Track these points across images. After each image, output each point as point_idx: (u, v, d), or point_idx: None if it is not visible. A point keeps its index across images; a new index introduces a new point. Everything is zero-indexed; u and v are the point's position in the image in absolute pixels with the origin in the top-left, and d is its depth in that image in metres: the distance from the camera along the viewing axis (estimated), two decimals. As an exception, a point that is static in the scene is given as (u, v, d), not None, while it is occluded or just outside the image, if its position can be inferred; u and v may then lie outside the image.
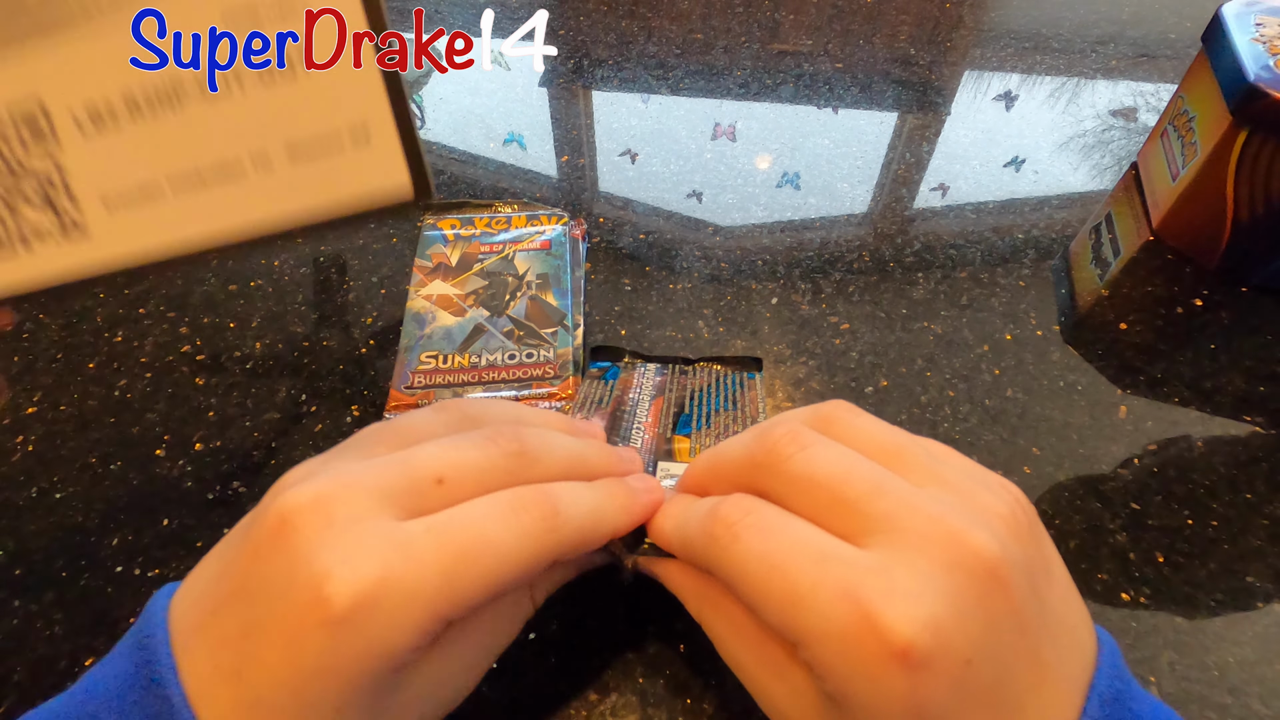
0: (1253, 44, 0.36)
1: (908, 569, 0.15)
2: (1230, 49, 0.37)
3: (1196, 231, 0.40)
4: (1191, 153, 0.39)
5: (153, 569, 0.30)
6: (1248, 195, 0.37)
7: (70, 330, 0.39)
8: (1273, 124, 0.34)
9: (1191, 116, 0.40)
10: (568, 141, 0.51)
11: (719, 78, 0.55)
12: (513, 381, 0.34)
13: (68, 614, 0.29)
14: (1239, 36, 0.37)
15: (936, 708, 0.15)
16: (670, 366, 0.34)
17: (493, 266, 0.39)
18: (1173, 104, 0.43)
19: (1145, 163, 0.46)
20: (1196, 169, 0.39)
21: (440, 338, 0.36)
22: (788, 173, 0.48)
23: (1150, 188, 0.44)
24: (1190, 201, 0.40)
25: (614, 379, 0.33)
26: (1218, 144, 0.37)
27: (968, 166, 0.48)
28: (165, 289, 0.41)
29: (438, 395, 0.34)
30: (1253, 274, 0.40)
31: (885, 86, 0.54)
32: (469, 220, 0.42)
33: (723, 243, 0.43)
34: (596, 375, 0.34)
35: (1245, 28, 0.37)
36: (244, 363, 0.37)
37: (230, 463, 0.33)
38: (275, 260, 0.42)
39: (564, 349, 0.35)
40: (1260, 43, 0.36)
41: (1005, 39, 0.59)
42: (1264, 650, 0.27)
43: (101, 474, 0.33)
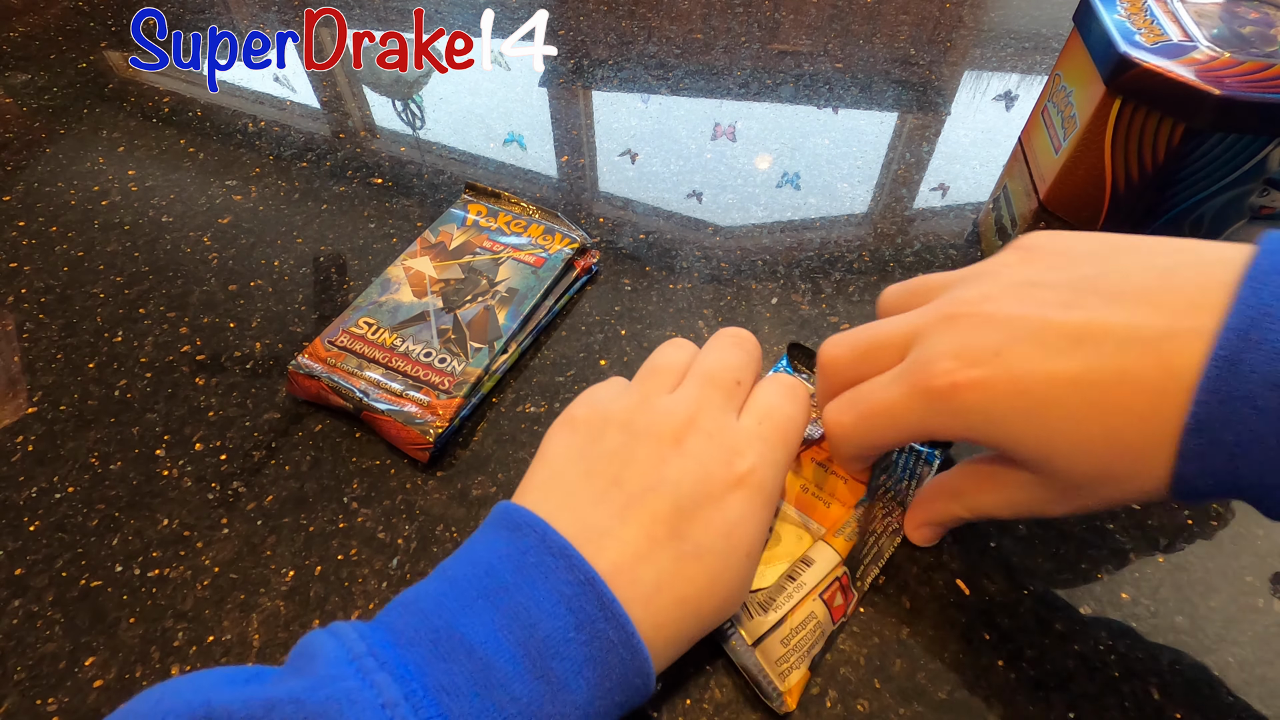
0: (1119, 19, 0.39)
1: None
2: (1101, 25, 0.39)
3: (1080, 201, 0.43)
4: (1071, 126, 0.41)
5: (152, 569, 0.30)
6: (1124, 163, 0.39)
7: (70, 330, 0.39)
8: (1143, 92, 0.37)
9: (1069, 91, 0.42)
10: (568, 141, 0.51)
11: (719, 78, 0.55)
12: (408, 378, 0.34)
13: (67, 614, 0.29)
14: (1107, 13, 0.39)
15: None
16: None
17: (479, 264, 0.39)
18: (1050, 81, 0.45)
19: (1029, 140, 0.48)
20: (1076, 140, 0.41)
21: (388, 309, 0.37)
22: (788, 173, 0.48)
23: (1035, 162, 0.47)
24: (1072, 172, 0.42)
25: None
26: (1094, 115, 0.39)
27: (968, 166, 0.48)
28: (165, 289, 0.41)
29: (344, 362, 0.34)
30: None
31: (885, 86, 0.54)
32: (495, 212, 0.42)
33: (723, 243, 0.43)
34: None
35: (1111, 6, 0.40)
36: (244, 363, 0.37)
37: (230, 463, 0.33)
38: (275, 260, 0.42)
39: (473, 368, 0.34)
40: (1125, 18, 0.39)
41: (1005, 39, 0.59)
42: (1264, 651, 0.27)
43: (101, 474, 0.33)
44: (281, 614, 0.29)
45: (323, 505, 0.32)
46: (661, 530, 0.22)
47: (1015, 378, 0.21)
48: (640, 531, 0.22)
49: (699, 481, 0.23)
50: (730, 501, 0.23)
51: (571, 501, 0.24)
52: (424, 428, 0.32)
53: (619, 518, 0.23)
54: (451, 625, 0.20)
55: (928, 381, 0.23)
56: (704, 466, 0.24)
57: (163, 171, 0.48)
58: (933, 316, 0.24)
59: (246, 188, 0.47)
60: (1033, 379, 0.21)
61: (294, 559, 0.30)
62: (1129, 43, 0.37)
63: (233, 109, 0.53)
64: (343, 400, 0.33)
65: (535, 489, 0.25)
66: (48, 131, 0.51)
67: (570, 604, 0.20)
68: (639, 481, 0.23)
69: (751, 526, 0.24)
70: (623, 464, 0.24)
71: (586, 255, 0.40)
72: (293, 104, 0.54)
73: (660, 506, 0.23)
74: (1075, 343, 0.20)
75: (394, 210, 0.45)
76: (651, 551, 0.22)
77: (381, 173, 0.48)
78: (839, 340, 0.27)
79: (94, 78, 0.56)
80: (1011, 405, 0.21)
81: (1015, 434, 0.22)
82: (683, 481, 0.23)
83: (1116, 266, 0.22)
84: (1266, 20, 0.39)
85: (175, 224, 0.45)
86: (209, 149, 0.50)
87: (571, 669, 0.20)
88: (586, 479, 0.24)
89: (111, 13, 0.63)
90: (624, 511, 0.23)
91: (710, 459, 0.24)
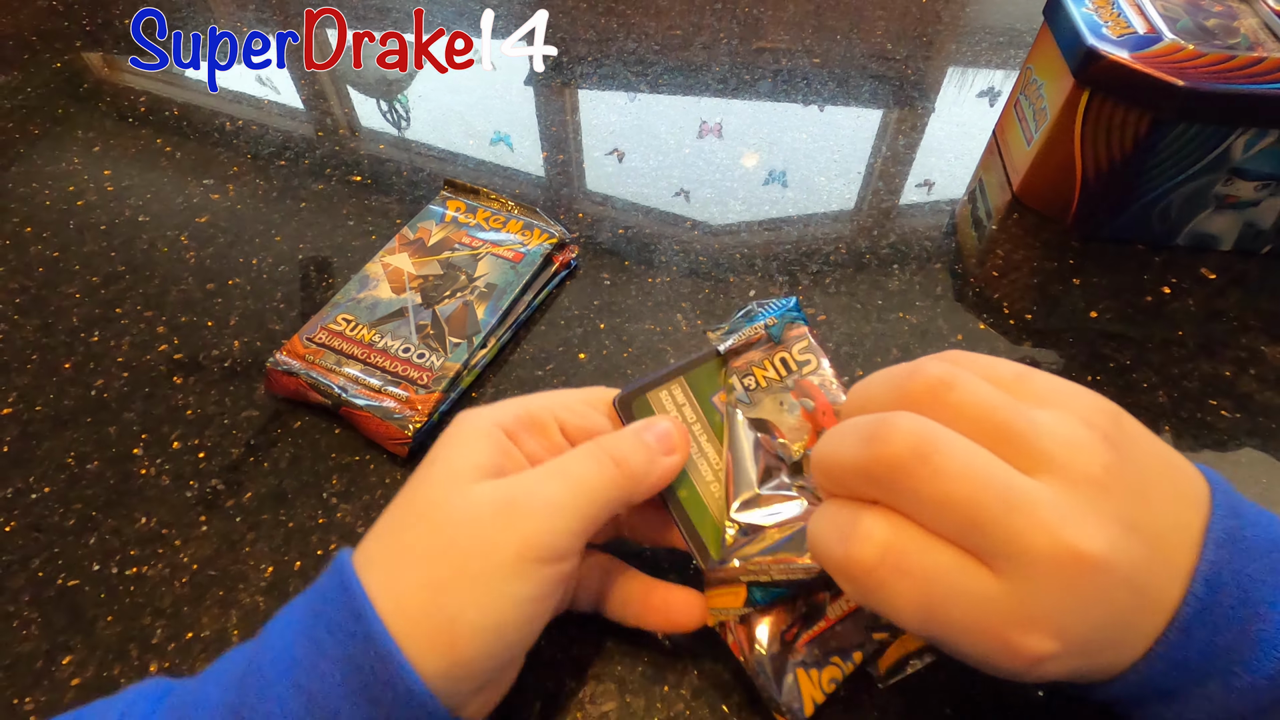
0: (1087, 13, 0.40)
1: (1080, 502, 0.18)
2: (1069, 19, 0.40)
3: (1052, 192, 0.43)
4: (1042, 118, 0.42)
5: (130, 567, 0.30)
6: (1093, 154, 0.40)
7: (46, 331, 0.39)
8: (1110, 84, 0.37)
9: (1040, 84, 0.43)
10: (552, 139, 0.51)
11: (698, 74, 0.56)
12: (386, 374, 0.34)
13: (44, 613, 0.29)
14: (1075, 7, 0.40)
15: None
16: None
17: (458, 260, 0.39)
18: (1022, 75, 0.46)
19: (1003, 133, 0.49)
20: (1047, 132, 0.42)
21: (367, 305, 0.37)
22: (774, 170, 0.48)
23: (1009, 154, 0.47)
24: (1044, 164, 0.43)
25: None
26: (1064, 107, 0.40)
27: (945, 160, 0.49)
28: (142, 288, 0.41)
29: (323, 359, 0.34)
30: (1103, 229, 0.43)
31: (863, 82, 0.55)
32: (474, 208, 0.42)
33: (701, 237, 0.44)
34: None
35: (1080, 0, 0.41)
36: (222, 361, 0.37)
37: (209, 461, 0.33)
38: (253, 259, 0.42)
39: (452, 363, 0.34)
40: (1093, 12, 0.40)
41: (980, 34, 0.60)
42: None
43: (78, 474, 0.33)
44: (261, 609, 0.29)
45: (302, 501, 0.32)
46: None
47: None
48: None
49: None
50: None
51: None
52: (403, 423, 0.32)
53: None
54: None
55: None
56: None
57: (139, 171, 0.48)
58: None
59: (224, 186, 0.47)
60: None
61: (273, 555, 0.30)
62: (1096, 36, 0.38)
63: (210, 108, 0.53)
64: (321, 397, 0.33)
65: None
66: (22, 132, 0.51)
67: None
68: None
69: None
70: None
71: (565, 250, 0.41)
72: (271, 103, 0.54)
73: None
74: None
75: (373, 207, 0.45)
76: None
77: (361, 170, 0.48)
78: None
79: (69, 78, 0.56)
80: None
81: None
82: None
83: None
84: (1229, 13, 0.40)
85: (152, 224, 0.44)
86: (186, 148, 0.50)
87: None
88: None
89: (87, 13, 0.62)
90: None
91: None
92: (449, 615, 0.20)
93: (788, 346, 0.28)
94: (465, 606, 0.20)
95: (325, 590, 0.21)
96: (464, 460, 0.23)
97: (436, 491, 0.22)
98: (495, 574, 0.21)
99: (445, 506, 0.22)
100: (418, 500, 0.23)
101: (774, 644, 0.25)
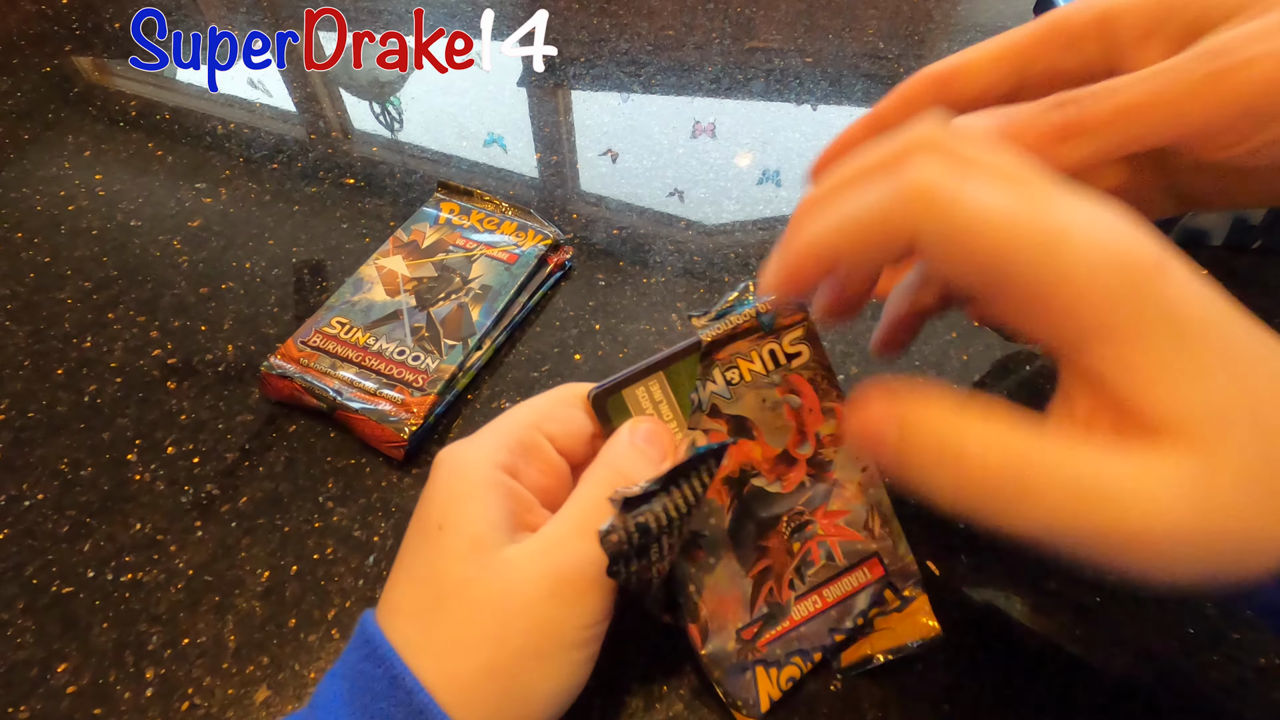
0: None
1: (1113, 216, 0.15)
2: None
3: None
4: None
5: (125, 574, 0.30)
6: None
7: (38, 337, 0.38)
8: None
9: None
10: (545, 140, 0.51)
11: (691, 74, 0.56)
12: (381, 377, 0.34)
13: (39, 621, 0.28)
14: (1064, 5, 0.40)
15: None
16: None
17: (452, 261, 0.39)
18: None
19: None
20: None
21: (361, 309, 0.37)
22: (768, 169, 0.48)
23: None
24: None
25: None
26: None
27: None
28: (135, 293, 0.40)
29: (318, 362, 0.34)
30: None
31: (855, 80, 0.55)
32: (468, 210, 0.42)
33: (695, 237, 0.44)
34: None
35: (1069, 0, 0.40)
36: (216, 365, 0.37)
37: (204, 466, 0.33)
38: (247, 262, 0.42)
39: (448, 365, 0.34)
40: None
41: (972, 32, 0.60)
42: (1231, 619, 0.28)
43: (72, 480, 0.33)
44: (257, 614, 0.29)
45: (298, 505, 0.32)
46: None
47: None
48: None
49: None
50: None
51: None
52: (398, 425, 0.32)
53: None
54: None
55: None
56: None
57: (130, 175, 0.48)
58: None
59: (216, 190, 0.47)
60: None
61: (269, 560, 0.30)
62: None
63: (201, 112, 0.53)
64: (316, 400, 0.33)
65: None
66: (12, 137, 0.51)
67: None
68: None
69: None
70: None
71: (560, 251, 0.41)
72: (263, 106, 0.54)
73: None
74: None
75: (366, 210, 0.45)
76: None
77: (354, 173, 0.48)
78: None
79: (59, 82, 0.55)
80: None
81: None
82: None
83: None
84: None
85: (144, 228, 0.44)
86: (177, 152, 0.49)
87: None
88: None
89: (76, 16, 0.62)
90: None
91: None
92: (521, 694, 0.20)
93: (778, 337, 0.26)
94: (537, 682, 0.20)
95: (373, 684, 0.20)
96: (479, 522, 0.21)
97: (466, 569, 0.21)
98: (560, 649, 0.21)
99: (484, 586, 0.21)
100: (445, 577, 0.21)
101: (731, 641, 0.25)
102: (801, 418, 0.26)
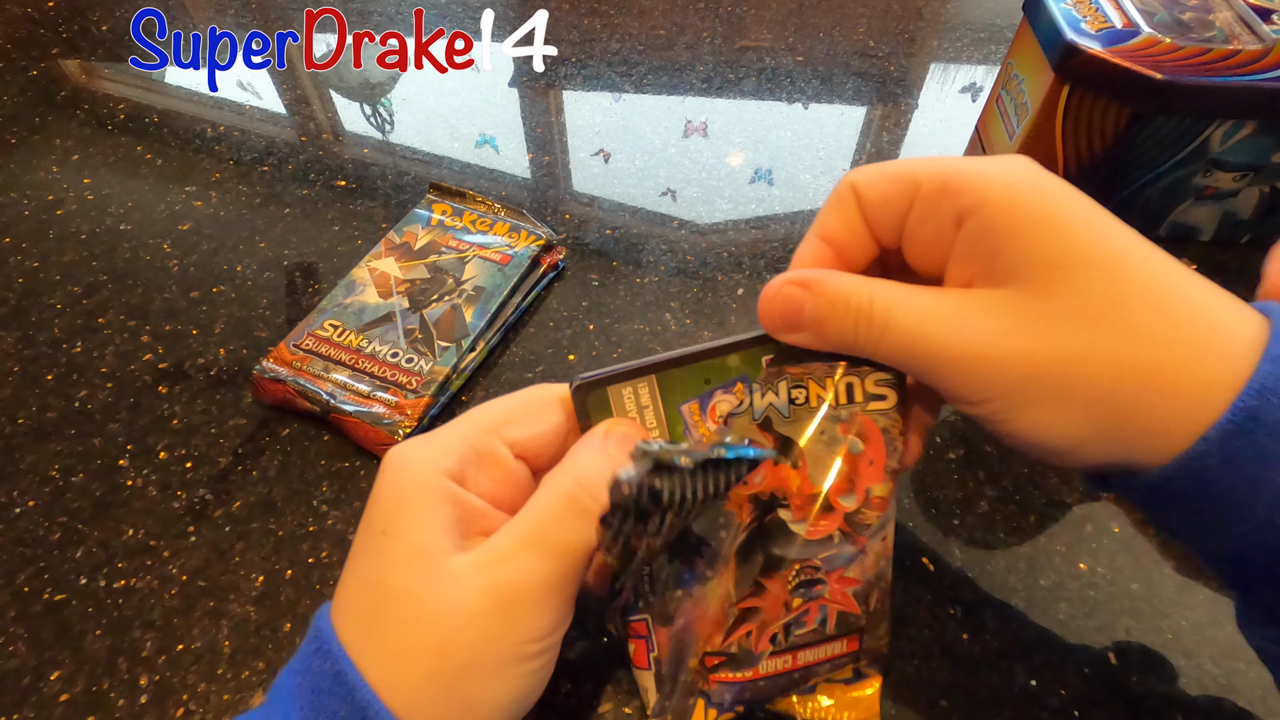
0: (1065, 8, 0.40)
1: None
2: (1049, 14, 0.40)
3: None
4: (1024, 113, 0.43)
5: (118, 580, 0.30)
6: (1074, 148, 0.40)
7: (27, 342, 0.38)
8: (1089, 78, 0.38)
9: (1021, 79, 0.43)
10: (537, 141, 0.51)
11: (683, 74, 0.56)
12: (375, 379, 0.34)
13: (31, 629, 0.28)
14: (1055, 2, 0.41)
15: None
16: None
17: (445, 263, 0.39)
18: (1003, 70, 0.46)
19: (985, 128, 0.49)
20: (1029, 127, 0.42)
21: (354, 311, 0.37)
22: (760, 168, 0.48)
23: (991, 150, 0.48)
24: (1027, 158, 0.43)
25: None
26: (1044, 101, 0.40)
27: (928, 155, 0.49)
28: (125, 297, 0.40)
29: (310, 365, 0.34)
30: None
31: (846, 79, 0.55)
32: (460, 211, 0.42)
33: (688, 237, 0.44)
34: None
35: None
36: (208, 369, 0.37)
37: (196, 471, 0.33)
38: (238, 265, 0.42)
39: (441, 367, 0.34)
40: (1071, 7, 0.40)
41: (961, 30, 0.60)
42: (1214, 613, 0.28)
43: (63, 486, 0.33)
44: (252, 619, 0.28)
45: (292, 509, 0.32)
46: None
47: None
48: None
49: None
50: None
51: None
52: (392, 428, 0.32)
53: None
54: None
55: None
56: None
57: (119, 179, 0.47)
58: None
59: (206, 193, 0.46)
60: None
61: (263, 564, 0.30)
62: (1075, 30, 0.38)
63: (190, 114, 0.53)
64: (309, 403, 0.33)
65: None
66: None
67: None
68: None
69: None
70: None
71: (553, 252, 0.41)
72: (253, 108, 0.53)
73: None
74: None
75: (358, 212, 0.45)
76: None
77: (345, 175, 0.48)
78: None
79: (46, 85, 0.55)
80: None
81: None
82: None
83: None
84: (1205, 6, 0.40)
85: (133, 232, 0.44)
86: (167, 155, 0.49)
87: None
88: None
89: (62, 19, 0.62)
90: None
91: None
92: (468, 704, 0.20)
93: (864, 374, 0.23)
94: (484, 694, 0.20)
95: (320, 680, 0.20)
96: (423, 530, 0.20)
97: (408, 577, 0.20)
98: (506, 662, 0.20)
99: (426, 598, 0.20)
100: (387, 584, 0.20)
101: (694, 658, 0.24)
102: (857, 467, 0.23)
